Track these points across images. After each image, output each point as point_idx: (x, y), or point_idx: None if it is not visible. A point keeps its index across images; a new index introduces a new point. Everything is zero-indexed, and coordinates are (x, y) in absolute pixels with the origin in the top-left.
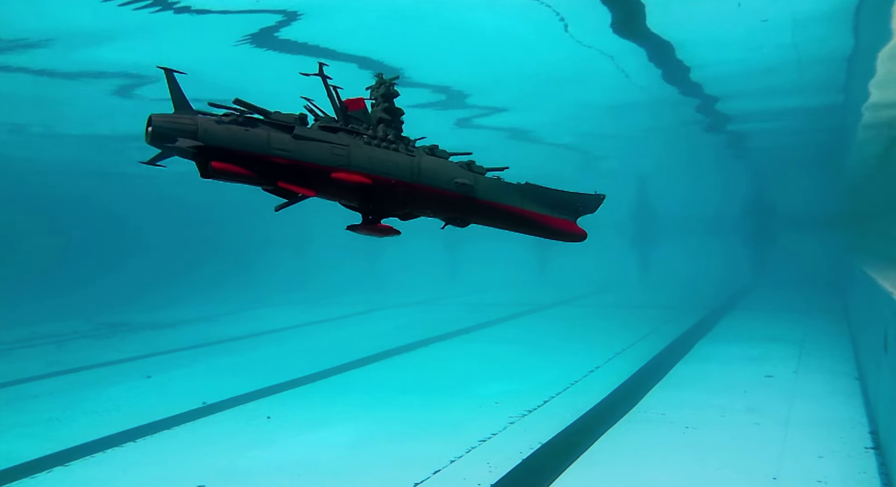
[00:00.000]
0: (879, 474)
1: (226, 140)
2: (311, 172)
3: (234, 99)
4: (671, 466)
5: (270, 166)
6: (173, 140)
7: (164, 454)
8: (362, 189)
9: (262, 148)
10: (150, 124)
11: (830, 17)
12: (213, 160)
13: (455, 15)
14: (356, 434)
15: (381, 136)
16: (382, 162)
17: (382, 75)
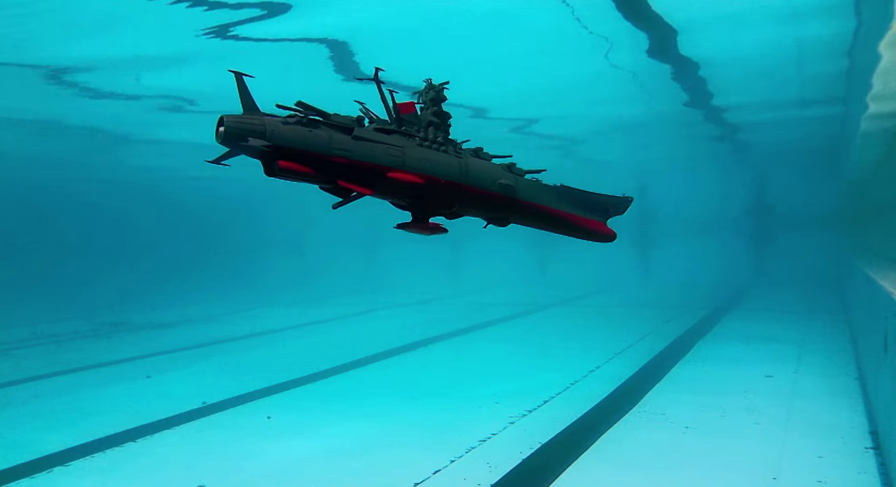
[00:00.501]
0: (879, 474)
1: (291, 140)
2: (369, 171)
3: (297, 102)
4: (671, 466)
5: (331, 166)
6: (244, 140)
7: (164, 454)
8: (415, 188)
9: (325, 148)
10: (221, 125)
11: (831, 7)
12: (280, 160)
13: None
14: (356, 433)
15: (432, 138)
16: (434, 163)
17: (431, 81)
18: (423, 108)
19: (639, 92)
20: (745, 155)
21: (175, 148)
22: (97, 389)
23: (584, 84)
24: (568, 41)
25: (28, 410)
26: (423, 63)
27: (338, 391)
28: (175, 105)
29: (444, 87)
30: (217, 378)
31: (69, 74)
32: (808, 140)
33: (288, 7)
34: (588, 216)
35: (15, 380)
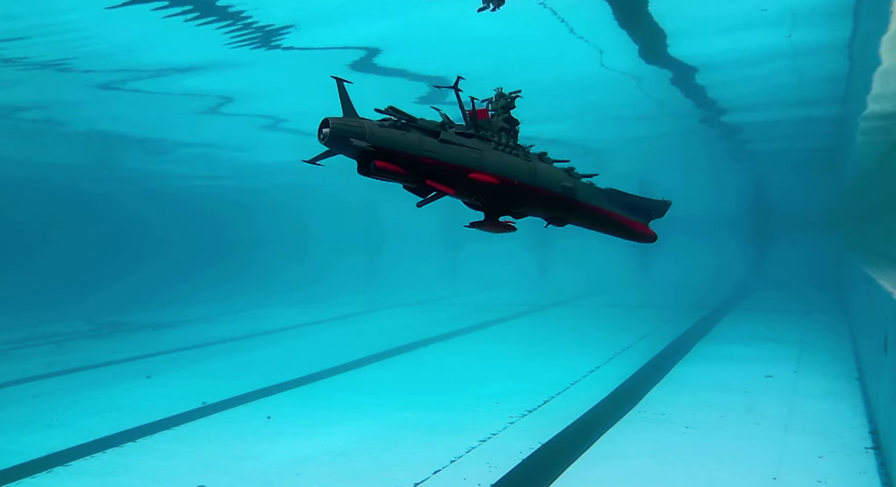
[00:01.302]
0: (879, 474)
1: (387, 142)
2: (453, 171)
3: (388, 106)
4: (671, 466)
5: (420, 166)
6: (346, 140)
7: (164, 454)
8: (491, 188)
9: (416, 150)
10: (326, 126)
11: (829, 9)
12: (376, 160)
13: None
14: (356, 433)
15: (504, 142)
16: (507, 165)
17: (502, 90)
18: (494, 114)
19: (640, 96)
20: (744, 155)
21: (184, 151)
22: (97, 389)
23: (580, 86)
24: (561, 46)
25: (28, 410)
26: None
27: (338, 391)
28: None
29: (515, 96)
30: (217, 378)
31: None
32: (808, 140)
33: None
34: (633, 218)
35: (15, 380)
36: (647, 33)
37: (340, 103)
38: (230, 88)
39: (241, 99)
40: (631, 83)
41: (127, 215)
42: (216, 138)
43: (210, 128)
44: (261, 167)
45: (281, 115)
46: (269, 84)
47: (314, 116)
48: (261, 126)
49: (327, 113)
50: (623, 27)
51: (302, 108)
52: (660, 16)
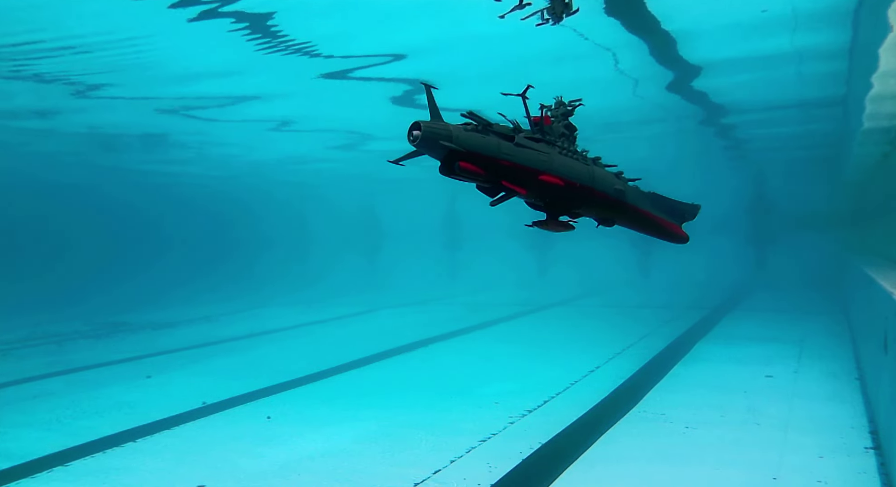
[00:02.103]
0: (879, 474)
1: (471, 144)
2: (526, 173)
3: (468, 111)
4: (671, 466)
5: (498, 168)
6: (436, 142)
7: (164, 454)
8: (556, 189)
9: (495, 152)
10: (417, 128)
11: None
12: (461, 161)
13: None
14: (356, 433)
15: (566, 147)
16: (571, 168)
17: (562, 98)
18: (555, 120)
19: (640, 97)
20: (744, 154)
21: (185, 152)
22: (97, 389)
23: (584, 88)
24: (572, 50)
25: (28, 410)
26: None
27: (338, 391)
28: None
29: (576, 105)
30: (217, 378)
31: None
32: (808, 139)
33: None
34: (670, 220)
35: (15, 380)
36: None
37: (428, 108)
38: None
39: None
40: (630, 81)
41: (127, 215)
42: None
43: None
44: (264, 166)
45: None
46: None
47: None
48: (269, 128)
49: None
50: (634, 33)
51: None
52: (663, 17)
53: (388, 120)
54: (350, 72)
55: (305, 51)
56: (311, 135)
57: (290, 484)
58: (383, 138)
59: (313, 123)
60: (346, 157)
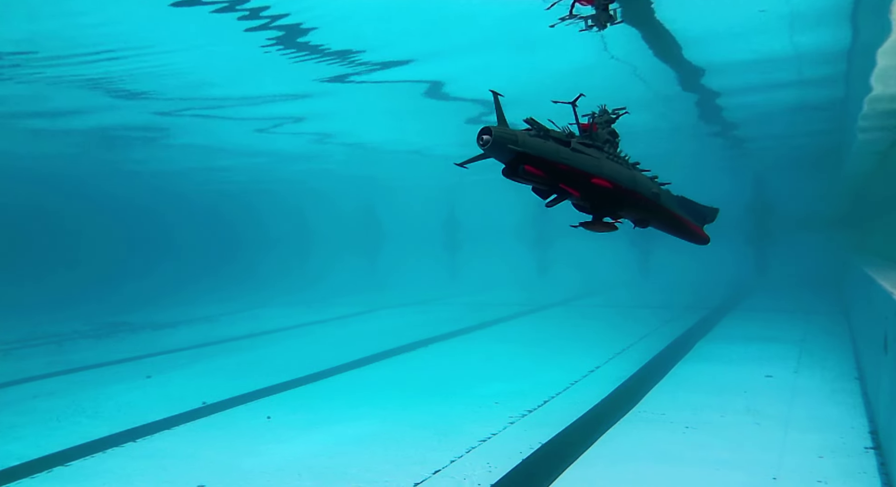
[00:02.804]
0: (879, 474)
1: (535, 149)
2: (581, 176)
3: (529, 118)
4: (671, 466)
5: (556, 171)
6: (504, 147)
7: (164, 454)
8: (605, 192)
9: (555, 156)
10: (487, 133)
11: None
12: (526, 165)
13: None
14: (356, 433)
15: (611, 152)
16: (618, 172)
17: (605, 106)
18: (600, 127)
19: (643, 93)
20: (744, 154)
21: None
22: (97, 389)
23: (581, 76)
24: (560, 37)
25: (28, 410)
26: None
27: (338, 391)
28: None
29: (621, 113)
30: (217, 378)
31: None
32: (808, 139)
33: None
34: (694, 223)
35: (15, 380)
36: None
37: (496, 114)
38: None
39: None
40: (628, 71)
41: (126, 216)
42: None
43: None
44: (265, 166)
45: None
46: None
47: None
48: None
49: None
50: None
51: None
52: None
53: (390, 123)
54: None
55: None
56: (313, 136)
57: (291, 484)
58: (384, 138)
59: (320, 124)
60: (348, 157)
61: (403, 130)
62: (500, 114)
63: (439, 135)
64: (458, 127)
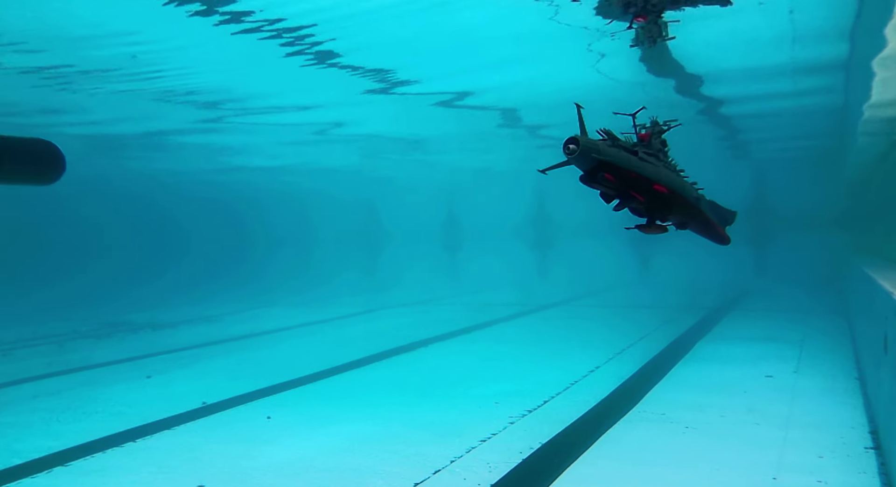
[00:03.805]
0: (879, 474)
1: (613, 158)
2: (645, 183)
3: (603, 128)
4: (671, 466)
5: (627, 179)
6: (588, 155)
7: (164, 454)
8: (663, 197)
9: (627, 165)
10: (573, 143)
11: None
12: (605, 172)
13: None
14: (356, 434)
15: (665, 160)
16: (672, 179)
17: (657, 118)
18: (653, 137)
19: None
20: (744, 154)
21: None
22: (97, 389)
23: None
24: (556, 45)
25: (28, 410)
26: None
27: (338, 391)
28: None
29: (671, 124)
30: (217, 378)
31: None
32: (808, 138)
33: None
34: (720, 224)
35: (15, 380)
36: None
37: (579, 125)
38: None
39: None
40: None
41: (127, 215)
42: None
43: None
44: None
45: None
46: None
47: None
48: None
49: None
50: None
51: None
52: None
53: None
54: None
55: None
56: (315, 136)
57: (291, 484)
58: (383, 138)
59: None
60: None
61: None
62: (582, 125)
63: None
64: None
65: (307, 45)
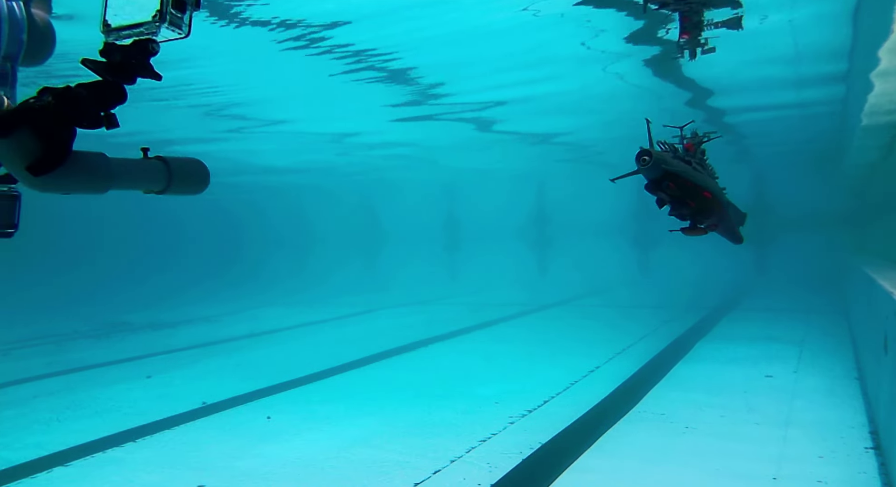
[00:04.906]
0: (879, 474)
1: (677, 168)
2: (697, 189)
3: (661, 141)
4: (671, 466)
5: (685, 186)
6: (659, 166)
7: (164, 454)
8: (707, 202)
9: (686, 174)
10: (647, 155)
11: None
12: (669, 181)
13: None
14: (356, 434)
15: (707, 169)
16: (716, 186)
17: (697, 130)
18: (696, 147)
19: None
20: (743, 154)
21: None
22: (97, 389)
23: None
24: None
25: (28, 410)
26: None
27: (338, 391)
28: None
29: (711, 136)
30: (217, 378)
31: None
32: (808, 138)
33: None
34: (736, 225)
35: (15, 380)
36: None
37: (648, 139)
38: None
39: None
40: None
41: (127, 214)
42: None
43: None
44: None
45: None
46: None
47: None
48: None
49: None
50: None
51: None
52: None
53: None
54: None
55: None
56: (316, 136)
57: (290, 484)
58: (384, 138)
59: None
60: (349, 158)
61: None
62: (651, 138)
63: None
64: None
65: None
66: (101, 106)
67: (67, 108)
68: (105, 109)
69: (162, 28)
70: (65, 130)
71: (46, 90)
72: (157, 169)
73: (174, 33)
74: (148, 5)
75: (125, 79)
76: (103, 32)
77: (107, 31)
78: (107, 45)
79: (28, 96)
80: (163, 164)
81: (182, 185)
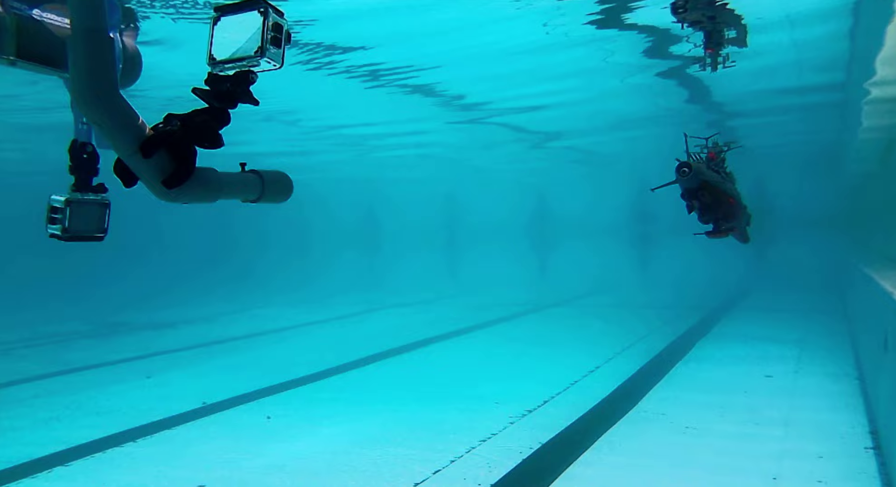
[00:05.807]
0: (879, 474)
1: (711, 178)
2: (724, 196)
3: (696, 154)
4: (671, 466)
5: (716, 194)
6: (697, 177)
7: (164, 454)
8: (731, 208)
9: (716, 183)
10: (687, 167)
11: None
12: (703, 189)
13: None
14: (356, 434)
15: (729, 177)
16: (738, 193)
17: (718, 142)
18: (719, 157)
19: (646, 98)
20: (743, 155)
21: None
22: (97, 389)
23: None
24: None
25: (28, 410)
26: None
27: (338, 391)
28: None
29: (732, 146)
30: (217, 378)
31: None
32: (808, 137)
33: None
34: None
35: (15, 380)
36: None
37: (685, 151)
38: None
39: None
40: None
41: (127, 214)
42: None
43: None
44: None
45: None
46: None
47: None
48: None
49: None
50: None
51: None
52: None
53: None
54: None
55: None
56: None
57: (290, 484)
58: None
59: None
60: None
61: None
62: (688, 151)
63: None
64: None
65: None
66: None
67: (193, 131)
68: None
69: (262, 62)
70: (191, 150)
71: (172, 116)
72: (253, 181)
73: (270, 65)
74: (247, 42)
75: (229, 104)
76: (209, 65)
77: (213, 64)
78: (211, 75)
79: (156, 122)
80: (257, 177)
81: (272, 195)
